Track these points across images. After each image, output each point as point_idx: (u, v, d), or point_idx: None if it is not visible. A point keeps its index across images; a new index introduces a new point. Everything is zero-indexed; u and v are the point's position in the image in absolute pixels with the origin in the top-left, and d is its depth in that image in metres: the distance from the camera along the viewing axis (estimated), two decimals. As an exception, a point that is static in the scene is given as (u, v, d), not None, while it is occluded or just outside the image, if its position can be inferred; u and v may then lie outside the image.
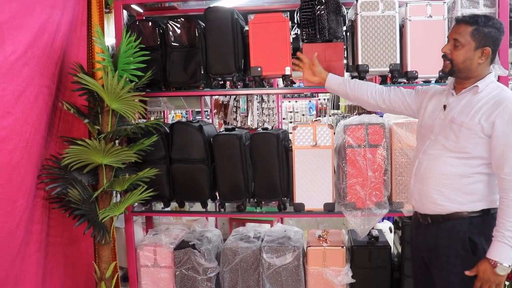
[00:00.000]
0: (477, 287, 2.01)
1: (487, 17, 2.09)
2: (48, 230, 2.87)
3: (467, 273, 2.04)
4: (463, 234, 2.10)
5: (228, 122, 6.79)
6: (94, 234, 2.85)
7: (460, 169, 2.10)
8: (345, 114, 7.68)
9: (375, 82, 5.48)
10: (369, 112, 6.43)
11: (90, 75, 2.98)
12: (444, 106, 2.21)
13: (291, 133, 3.16)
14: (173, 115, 8.60)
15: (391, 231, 4.13)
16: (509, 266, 1.95)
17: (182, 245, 3.31)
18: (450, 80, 2.28)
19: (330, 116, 9.29)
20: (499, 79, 2.95)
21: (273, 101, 6.72)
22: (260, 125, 6.58)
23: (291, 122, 9.75)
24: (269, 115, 6.64)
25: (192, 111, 7.31)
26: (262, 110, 6.71)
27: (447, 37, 2.20)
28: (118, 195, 3.25)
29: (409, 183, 2.36)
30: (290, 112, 9.93)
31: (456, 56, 2.10)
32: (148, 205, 3.40)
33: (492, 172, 2.08)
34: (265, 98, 6.77)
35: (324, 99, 9.95)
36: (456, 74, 2.16)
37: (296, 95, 10.14)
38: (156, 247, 3.31)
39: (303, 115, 9.91)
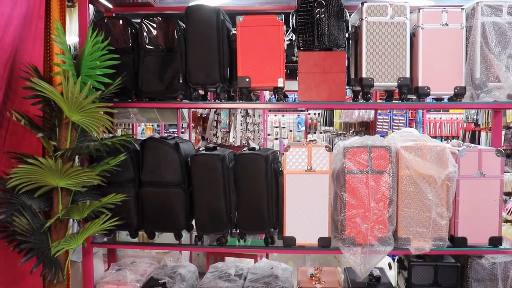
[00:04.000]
0: None
1: None
2: (-14, 266, 2.67)
3: None
4: None
5: (207, 138, 6.73)
6: (45, 273, 2.67)
7: None
8: (340, 132, 7.66)
9: (376, 98, 5.52)
10: (368, 131, 6.41)
11: (47, 80, 2.87)
12: None
13: (278, 151, 3.04)
14: (143, 128, 8.50)
15: (390, 268, 4.04)
16: None
17: (151, 284, 3.22)
18: None
19: (321, 133, 9.32)
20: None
21: (259, 115, 6.69)
22: (244, 142, 6.53)
23: (276, 139, 9.79)
24: (254, 131, 6.59)
25: (165, 124, 7.19)
26: (247, 126, 6.65)
27: None
28: (76, 224, 3.11)
29: None
30: (276, 127, 9.94)
31: None
32: (112, 235, 3.27)
33: None
34: (250, 112, 6.77)
35: (315, 114, 10.00)
36: None
37: (283, 108, 10.14)
38: (120, 286, 3.19)
39: (291, 131, 9.92)
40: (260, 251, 4.16)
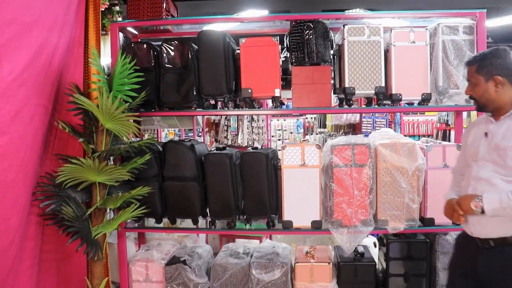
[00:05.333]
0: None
1: (486, 51, 2.18)
2: (42, 246, 2.81)
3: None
4: None
5: (219, 140, 6.78)
6: (87, 251, 2.80)
7: None
8: (332, 133, 7.72)
9: (361, 104, 5.57)
10: (355, 132, 6.50)
11: (86, 95, 2.95)
12: (486, 134, 2.19)
13: (280, 150, 3.15)
14: (166, 133, 8.57)
15: (375, 246, 4.11)
16: (481, 210, 2.04)
17: (173, 261, 3.27)
18: None
19: (317, 134, 9.35)
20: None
21: (262, 120, 6.74)
22: (250, 143, 6.61)
23: (279, 140, 9.83)
24: (258, 133, 6.64)
25: (185, 129, 7.28)
26: (252, 129, 6.70)
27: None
28: (112, 212, 3.20)
29: None
30: (279, 130, 10.00)
31: (475, 94, 2.18)
32: (141, 221, 3.36)
33: None
34: (255, 117, 6.78)
35: (311, 118, 10.06)
36: (485, 109, 2.20)
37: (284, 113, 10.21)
38: (148, 263, 3.28)
39: (291, 133, 9.97)
40: (263, 233, 4.18)
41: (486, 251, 2.14)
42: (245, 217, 3.24)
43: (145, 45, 3.22)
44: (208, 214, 3.26)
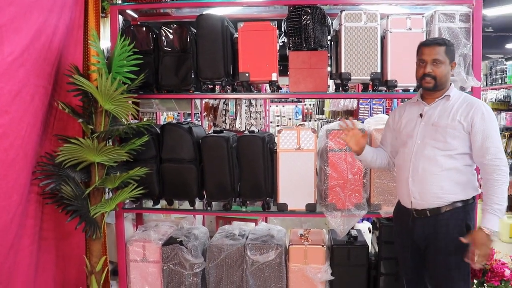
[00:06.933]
0: (474, 252, 2.23)
1: (445, 38, 2.50)
2: (42, 225, 2.88)
3: (462, 239, 2.26)
4: (460, 221, 2.35)
5: (218, 125, 6.82)
6: (85, 229, 2.87)
7: (454, 164, 2.35)
8: (329, 119, 7.75)
9: (358, 90, 5.58)
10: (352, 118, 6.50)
11: (85, 76, 2.99)
12: (421, 115, 2.47)
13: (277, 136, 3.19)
14: (165, 117, 8.60)
15: (370, 232, 4.17)
16: (497, 232, 2.23)
17: (170, 241, 3.32)
18: (418, 93, 2.56)
19: (315, 120, 9.37)
20: (472, 90, 3.03)
21: (260, 105, 6.78)
22: (248, 128, 6.62)
23: (278, 126, 9.85)
24: (256, 118, 6.69)
25: (184, 113, 7.33)
26: (250, 114, 6.75)
27: (422, 59, 2.40)
28: (110, 192, 3.26)
29: (403, 185, 2.51)
30: (278, 116, 10.02)
31: (439, 72, 2.36)
32: (139, 202, 3.42)
33: (472, 163, 2.39)
34: (253, 102, 6.80)
35: (310, 104, 10.04)
36: (437, 88, 2.41)
37: (283, 100, 10.26)
38: (145, 243, 3.33)
39: (290, 119, 10.00)
40: (258, 215, 4.21)
41: (421, 220, 2.43)
42: (241, 199, 3.28)
43: (144, 28, 3.24)
44: (205, 196, 3.31)
